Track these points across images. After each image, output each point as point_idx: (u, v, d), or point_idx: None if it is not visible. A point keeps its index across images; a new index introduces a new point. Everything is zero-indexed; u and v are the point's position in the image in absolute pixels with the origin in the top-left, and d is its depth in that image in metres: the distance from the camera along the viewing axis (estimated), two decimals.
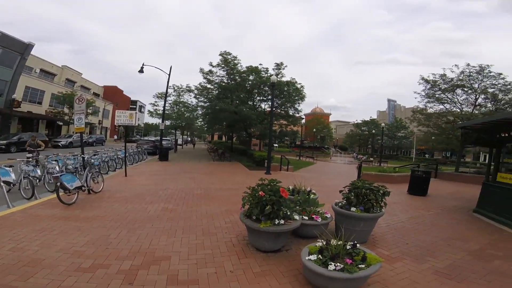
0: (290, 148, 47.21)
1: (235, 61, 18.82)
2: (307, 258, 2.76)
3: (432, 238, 4.54)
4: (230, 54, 18.67)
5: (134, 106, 62.98)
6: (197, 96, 21.94)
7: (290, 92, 19.66)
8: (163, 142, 20.75)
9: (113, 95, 50.98)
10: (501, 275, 3.26)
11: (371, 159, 31.30)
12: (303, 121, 39.27)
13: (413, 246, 4.12)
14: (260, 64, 19.02)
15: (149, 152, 18.98)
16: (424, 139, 32.49)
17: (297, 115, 22.67)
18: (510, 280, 3.11)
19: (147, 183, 8.57)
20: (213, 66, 19.15)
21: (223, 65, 18.79)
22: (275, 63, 19.24)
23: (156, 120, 35.13)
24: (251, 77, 18.97)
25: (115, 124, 11.00)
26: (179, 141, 34.56)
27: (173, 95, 26.56)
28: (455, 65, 16.95)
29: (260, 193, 3.58)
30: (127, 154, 10.77)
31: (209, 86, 20.30)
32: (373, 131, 46.36)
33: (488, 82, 16.20)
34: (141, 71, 16.96)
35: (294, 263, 3.30)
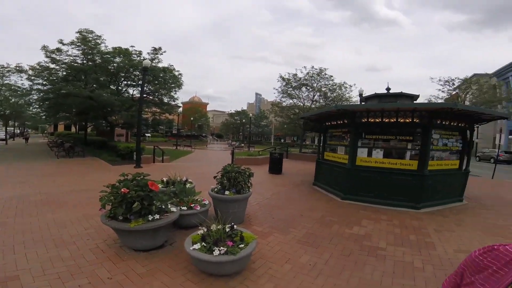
0: (165, 137, 44.38)
1: (98, 41, 15.85)
2: (191, 248, 2.76)
3: (290, 211, 5.29)
4: (92, 32, 15.65)
5: None
6: (33, 78, 16.57)
7: (166, 79, 18.48)
8: None
9: None
10: (341, 238, 3.94)
11: (242, 145, 34.95)
12: (180, 109, 37.93)
13: (278, 220, 4.73)
14: (132, 46, 16.78)
15: None
16: (279, 127, 39.63)
17: (173, 103, 21.63)
18: (348, 242, 3.82)
19: None
20: (63, 44, 15.36)
21: (79, 44, 15.37)
22: (152, 47, 17.43)
23: None
24: (117, 59, 16.38)
25: None
26: (2, 135, 25.76)
27: None
28: (304, 67, 21.45)
29: (122, 190, 3.17)
30: None
31: (52, 66, 15.81)
32: (243, 120, 52.06)
33: (323, 83, 21.11)
34: None
35: (182, 255, 3.22)
